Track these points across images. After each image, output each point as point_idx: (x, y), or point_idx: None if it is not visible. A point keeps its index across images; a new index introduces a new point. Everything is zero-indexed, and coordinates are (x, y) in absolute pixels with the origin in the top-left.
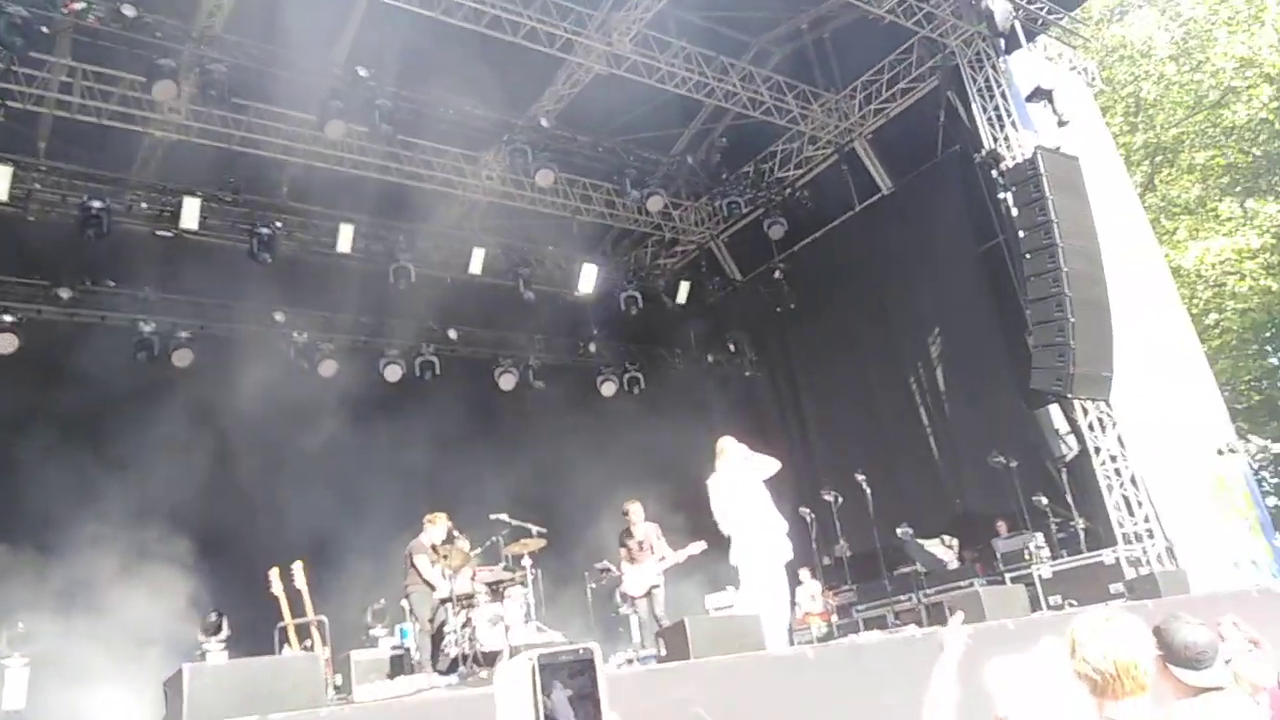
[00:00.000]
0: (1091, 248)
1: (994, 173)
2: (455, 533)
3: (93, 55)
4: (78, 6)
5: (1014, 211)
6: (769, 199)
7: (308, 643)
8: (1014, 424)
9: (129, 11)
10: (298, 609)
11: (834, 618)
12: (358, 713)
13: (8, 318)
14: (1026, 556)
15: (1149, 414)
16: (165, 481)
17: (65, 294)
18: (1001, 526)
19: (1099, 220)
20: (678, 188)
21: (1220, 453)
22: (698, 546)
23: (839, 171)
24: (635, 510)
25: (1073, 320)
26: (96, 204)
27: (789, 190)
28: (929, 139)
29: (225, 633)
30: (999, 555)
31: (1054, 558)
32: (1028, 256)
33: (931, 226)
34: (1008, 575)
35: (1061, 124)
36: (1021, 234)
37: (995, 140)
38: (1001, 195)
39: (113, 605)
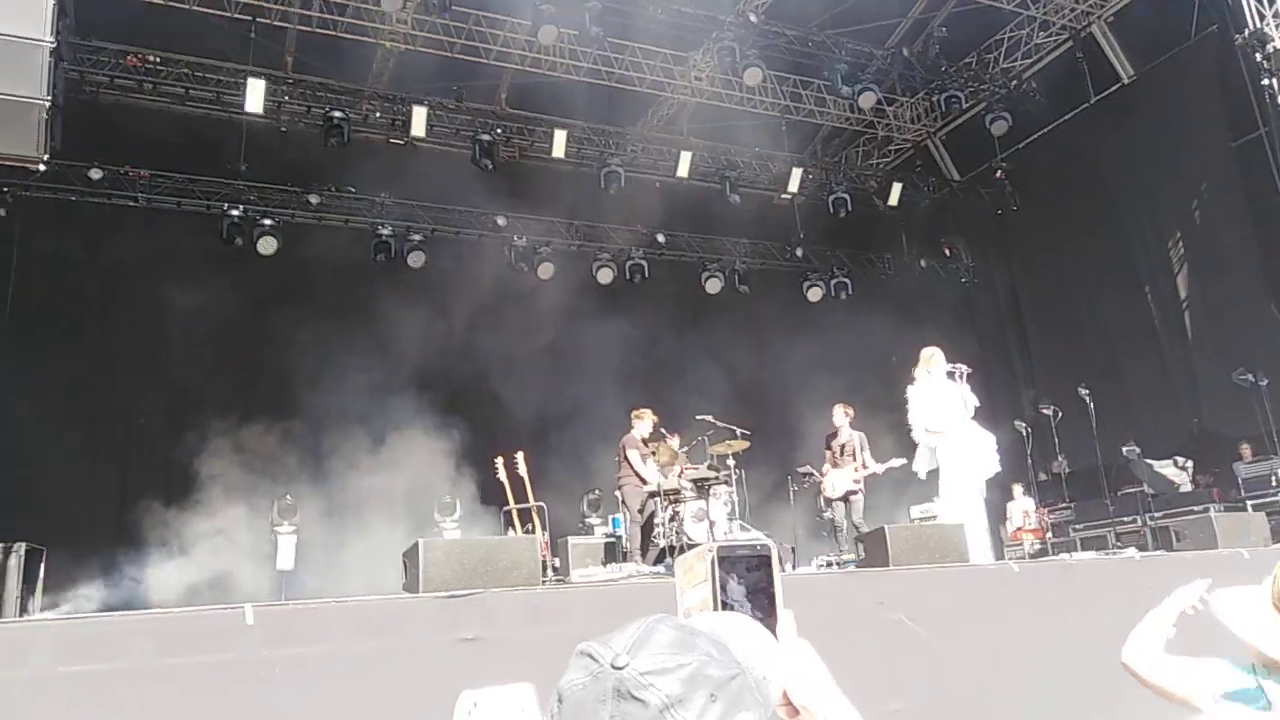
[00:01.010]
0: None
1: (1258, 56)
2: (663, 430)
3: None
4: None
5: None
6: (992, 92)
7: (529, 526)
8: (1265, 338)
9: None
10: (520, 495)
11: (1049, 535)
12: (570, 591)
13: (268, 221)
14: (1274, 483)
15: None
16: (403, 374)
17: (314, 199)
18: (1245, 450)
19: None
20: (892, 82)
21: None
22: (898, 461)
23: (1073, 60)
24: (840, 414)
25: None
26: (337, 114)
27: (1015, 82)
28: (1181, 19)
29: (458, 513)
30: (1240, 480)
31: None
32: None
33: (1179, 119)
34: (1249, 503)
35: None
36: None
37: (1262, 19)
38: (1266, 81)
39: (364, 486)
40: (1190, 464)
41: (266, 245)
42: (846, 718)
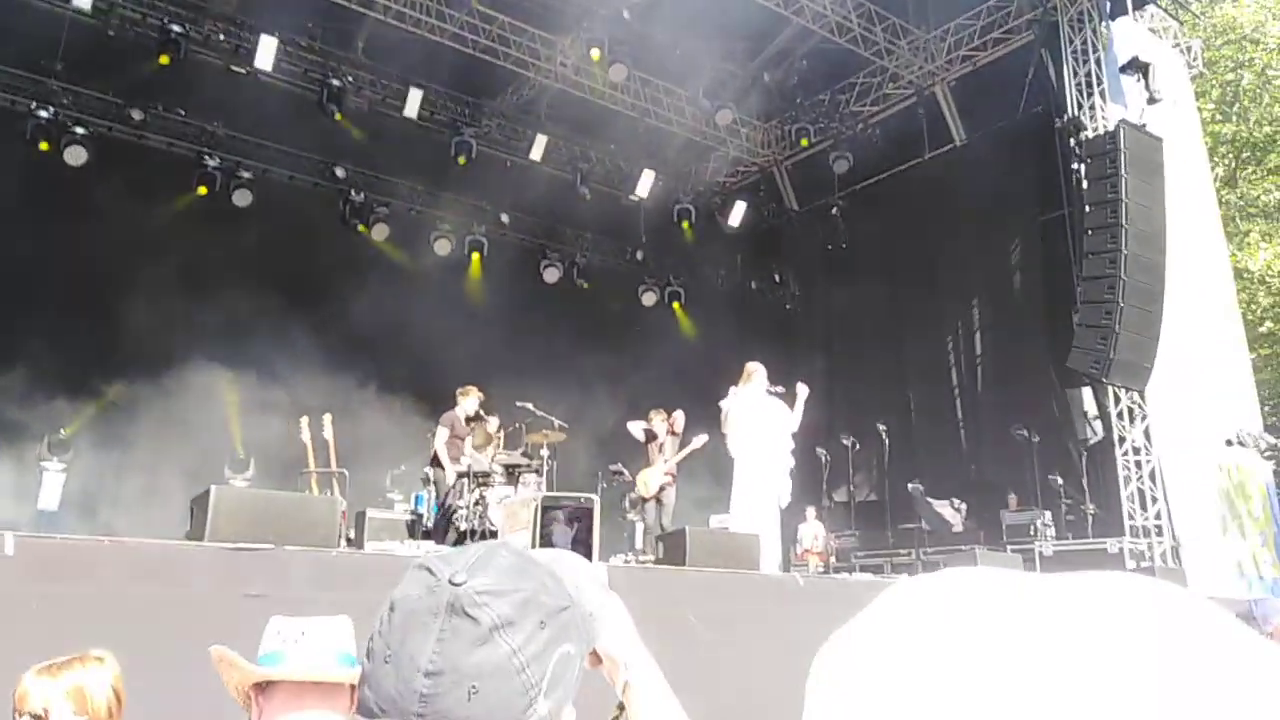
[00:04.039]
0: (1157, 235)
1: (1072, 141)
2: (483, 412)
3: None
4: None
5: (1084, 184)
6: (839, 131)
7: (328, 493)
8: (1043, 400)
9: None
10: (322, 459)
11: (832, 559)
12: (367, 559)
13: (80, 130)
14: (1032, 532)
15: (1180, 411)
16: (212, 319)
17: (137, 115)
18: (1012, 499)
19: (1170, 208)
20: (749, 105)
21: (1229, 443)
22: (699, 440)
23: (915, 115)
24: (658, 419)
25: (1122, 305)
26: (176, 28)
27: (861, 126)
28: (1012, 96)
29: (251, 471)
30: (1005, 526)
31: (1059, 538)
32: (1089, 233)
33: (997, 187)
34: (1009, 547)
35: (1152, 101)
36: (1088, 209)
37: (1080, 107)
38: (1075, 165)
39: (144, 429)
40: (964, 506)
41: (74, 155)
42: (649, 670)
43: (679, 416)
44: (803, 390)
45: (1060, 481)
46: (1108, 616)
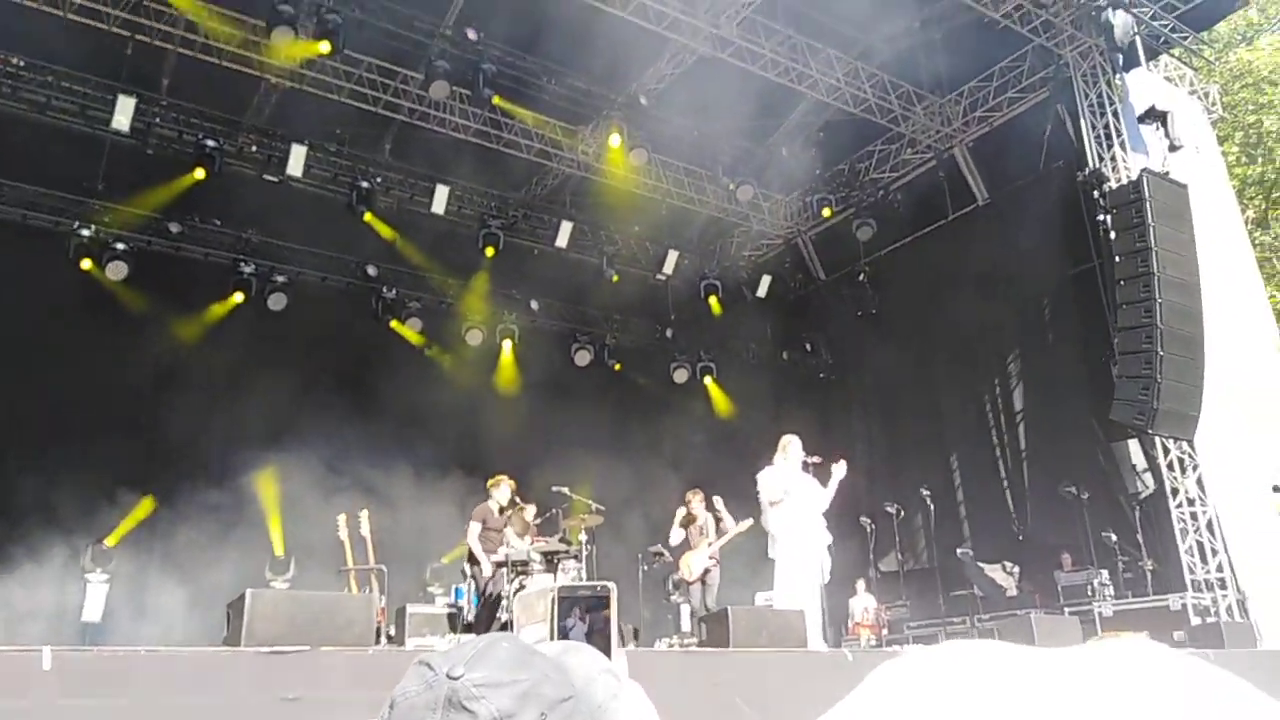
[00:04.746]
0: (1190, 281)
1: (1096, 194)
2: (518, 500)
3: None
4: None
5: (1112, 235)
6: (860, 199)
7: (366, 590)
8: (1089, 456)
9: None
10: (361, 557)
11: (885, 631)
12: (403, 656)
13: (120, 245)
14: (1089, 592)
15: (1234, 460)
16: (241, 423)
17: (175, 228)
18: (1065, 559)
19: (1202, 253)
20: (769, 179)
21: (1276, 489)
22: (745, 524)
23: (935, 178)
24: (696, 500)
25: (1161, 354)
26: (210, 143)
27: (882, 192)
28: (1032, 152)
29: (291, 572)
30: (1060, 588)
31: (1118, 597)
32: (1121, 283)
33: (1024, 243)
34: (1067, 609)
35: (1174, 148)
36: (1117, 259)
37: (1101, 160)
38: (1101, 217)
39: (188, 536)
40: (1017, 570)
41: (116, 270)
42: None
43: (716, 500)
44: (839, 470)
45: (1114, 538)
46: (1111, 688)
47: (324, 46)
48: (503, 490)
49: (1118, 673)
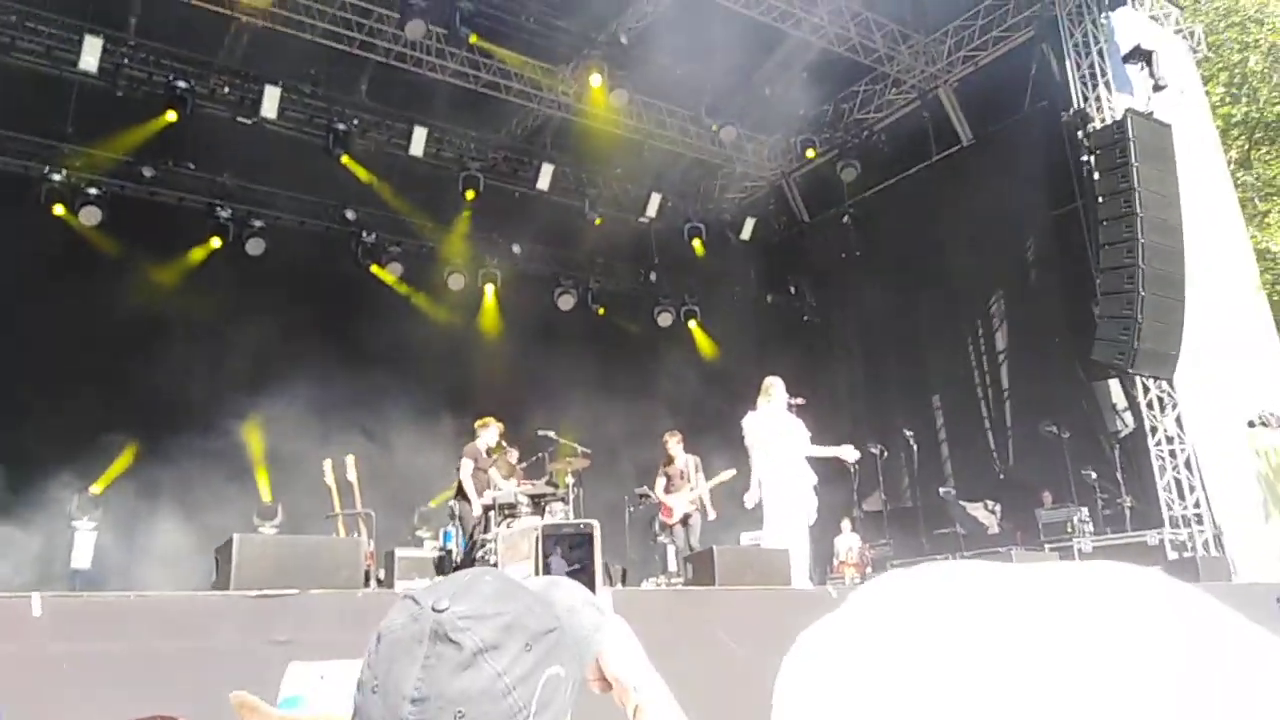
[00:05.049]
0: (1172, 221)
1: (1080, 133)
2: (504, 443)
3: None
4: None
5: (1095, 176)
6: (845, 141)
7: (355, 535)
8: (1070, 395)
9: None
10: (348, 502)
11: (869, 570)
12: (387, 598)
13: (93, 190)
14: (1069, 529)
15: (1212, 398)
16: (225, 369)
17: (148, 172)
18: (1046, 497)
19: (1185, 193)
20: (753, 121)
21: (1251, 425)
22: (727, 473)
23: (920, 119)
24: (674, 441)
25: (1143, 294)
26: (182, 84)
27: (866, 134)
28: (1016, 93)
29: (279, 518)
30: (1041, 525)
31: (1097, 534)
32: (1104, 223)
33: (1008, 184)
34: (1048, 546)
35: (1158, 88)
36: (1100, 200)
37: (1085, 100)
38: (1085, 158)
39: (174, 483)
40: (998, 508)
41: (89, 215)
42: (659, 692)
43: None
44: (847, 454)
45: (1094, 476)
46: (1096, 606)
47: None
48: (490, 432)
49: (1104, 586)
